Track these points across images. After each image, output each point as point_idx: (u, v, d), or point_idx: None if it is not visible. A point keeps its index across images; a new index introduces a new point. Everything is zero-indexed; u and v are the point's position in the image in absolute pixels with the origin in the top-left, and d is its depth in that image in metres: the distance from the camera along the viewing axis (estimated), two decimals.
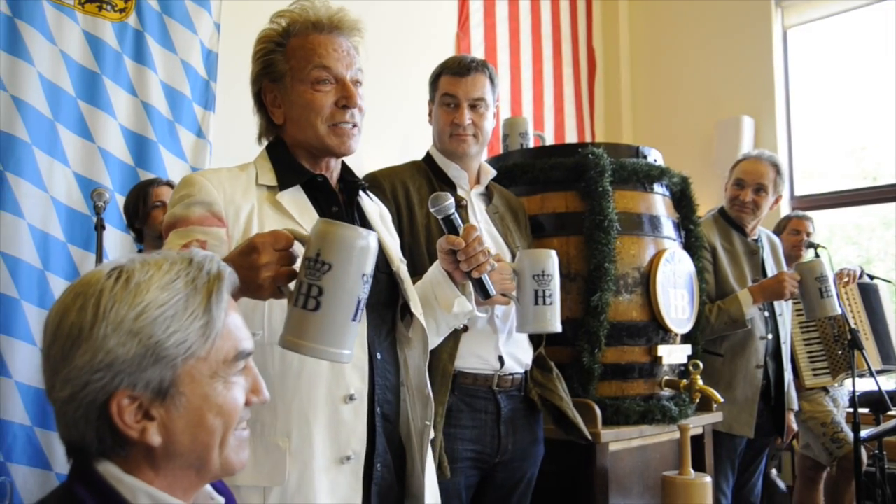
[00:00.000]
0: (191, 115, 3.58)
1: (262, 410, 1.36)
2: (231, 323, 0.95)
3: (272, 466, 1.36)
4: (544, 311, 1.80)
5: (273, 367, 1.39)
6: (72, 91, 3.22)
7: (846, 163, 5.38)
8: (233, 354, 0.94)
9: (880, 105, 4.93)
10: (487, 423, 2.08)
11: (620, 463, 2.42)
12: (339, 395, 1.41)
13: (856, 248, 5.47)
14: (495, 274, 1.74)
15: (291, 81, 1.50)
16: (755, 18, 5.38)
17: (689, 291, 2.66)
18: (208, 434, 0.91)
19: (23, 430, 2.94)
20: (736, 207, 3.15)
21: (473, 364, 2.06)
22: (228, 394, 0.93)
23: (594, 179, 2.48)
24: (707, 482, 2.35)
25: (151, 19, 3.48)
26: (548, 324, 1.82)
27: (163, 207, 2.98)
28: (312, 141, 1.52)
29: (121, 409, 0.88)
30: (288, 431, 1.38)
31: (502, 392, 2.11)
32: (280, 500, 1.36)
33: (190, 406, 0.90)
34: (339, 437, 1.41)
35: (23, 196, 3.04)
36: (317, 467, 1.38)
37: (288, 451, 1.37)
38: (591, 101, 5.92)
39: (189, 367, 0.90)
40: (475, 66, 2.17)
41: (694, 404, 2.64)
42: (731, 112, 5.31)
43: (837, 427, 3.59)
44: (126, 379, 0.87)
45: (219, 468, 0.94)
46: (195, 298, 0.90)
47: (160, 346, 0.87)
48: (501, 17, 5.29)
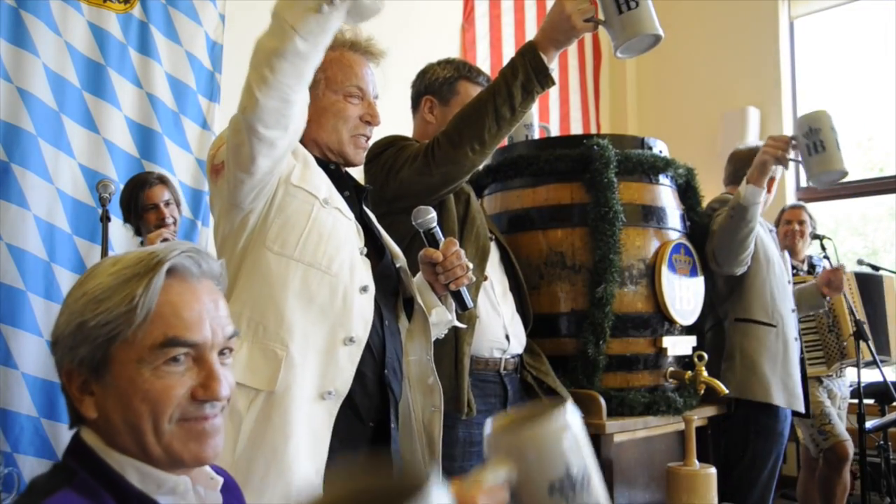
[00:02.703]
0: (196, 107, 3.59)
1: (268, 316, 1.44)
2: (168, 310, 0.93)
3: (265, 372, 1.42)
4: (634, 14, 1.73)
5: (293, 282, 1.46)
6: (77, 83, 3.23)
7: (853, 153, 5.36)
8: (160, 340, 0.92)
9: (887, 96, 4.90)
10: (497, 405, 2.16)
11: (625, 454, 2.43)
12: (340, 336, 1.49)
13: (862, 239, 5.45)
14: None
15: (324, 89, 1.61)
16: (761, 8, 5.35)
17: (694, 283, 2.66)
18: (136, 417, 0.92)
19: (30, 422, 2.96)
20: None
21: (485, 344, 2.12)
22: (157, 381, 0.92)
23: (599, 171, 2.48)
24: (712, 473, 2.35)
25: (156, 11, 3.48)
26: (645, 26, 1.73)
27: (155, 210, 2.98)
28: (332, 145, 1.63)
29: (70, 379, 0.94)
30: (288, 343, 1.44)
31: (507, 375, 2.19)
32: (263, 405, 1.41)
33: (118, 386, 0.92)
34: (327, 372, 1.47)
35: (28, 188, 3.05)
36: (302, 387, 1.44)
37: (284, 362, 1.43)
38: (597, 92, 5.91)
39: (116, 350, 0.92)
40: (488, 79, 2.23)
41: (699, 396, 2.64)
42: (736, 103, 5.29)
43: (825, 419, 3.59)
44: (67, 354, 0.93)
45: (162, 455, 0.93)
46: (130, 283, 0.92)
47: (85, 325, 0.91)
48: (506, 8, 5.28)
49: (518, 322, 2.25)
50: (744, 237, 2.72)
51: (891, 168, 5.06)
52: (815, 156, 2.54)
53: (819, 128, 2.55)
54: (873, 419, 3.58)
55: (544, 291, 2.50)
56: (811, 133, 2.55)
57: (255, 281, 1.46)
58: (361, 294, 1.52)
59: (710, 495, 2.34)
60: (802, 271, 3.87)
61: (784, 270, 2.98)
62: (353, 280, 1.51)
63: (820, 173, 2.57)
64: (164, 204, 3.00)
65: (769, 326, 2.85)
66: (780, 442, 2.88)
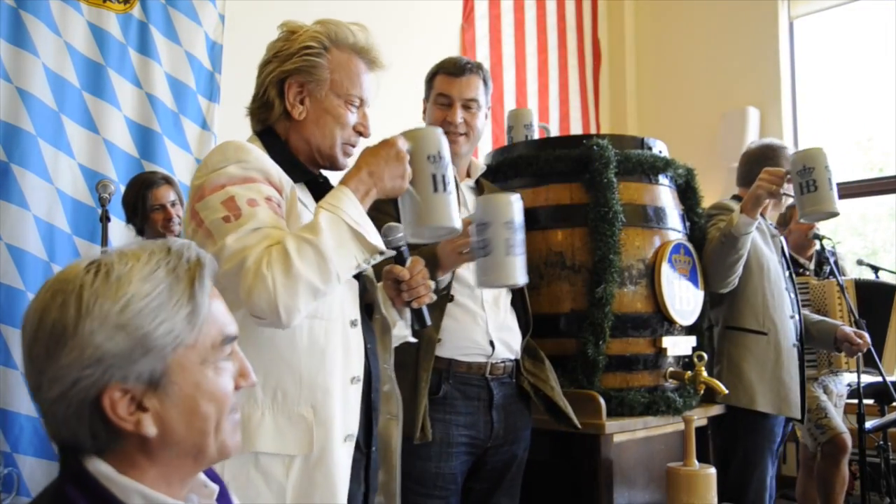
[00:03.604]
0: (195, 107, 3.59)
1: (285, 381, 1.44)
2: (215, 309, 0.95)
3: (297, 436, 1.43)
4: (513, 262, 1.72)
5: (301, 340, 1.46)
6: (77, 83, 3.23)
7: (852, 153, 5.36)
8: (220, 339, 0.94)
9: (887, 96, 4.91)
10: (480, 409, 2.13)
11: (625, 454, 2.42)
12: (348, 376, 1.51)
13: (861, 240, 5.45)
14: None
15: (328, 91, 1.58)
16: (761, 8, 5.35)
17: (693, 283, 2.66)
18: (203, 421, 0.91)
19: (29, 422, 2.96)
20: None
21: (467, 349, 2.11)
22: (219, 380, 0.93)
23: (599, 171, 2.48)
24: (711, 473, 2.35)
25: (156, 11, 3.48)
26: (515, 276, 1.73)
27: (162, 211, 2.97)
28: (324, 148, 1.59)
29: (113, 403, 0.87)
30: (313, 403, 1.45)
31: (495, 379, 2.16)
32: (302, 469, 1.43)
33: (183, 395, 0.90)
34: (346, 416, 1.50)
35: (28, 188, 3.05)
36: (334, 440, 1.46)
37: (314, 422, 1.44)
38: (596, 92, 5.91)
39: (178, 356, 0.89)
40: (470, 67, 2.23)
41: (698, 396, 2.64)
42: (736, 103, 5.29)
43: (822, 413, 3.58)
44: (117, 373, 0.86)
45: (215, 453, 0.94)
46: (178, 287, 0.90)
47: (148, 337, 0.86)
48: (506, 8, 5.28)
49: (511, 328, 2.22)
50: (732, 263, 2.73)
51: (890, 168, 5.06)
52: (808, 195, 2.54)
53: (813, 167, 2.54)
54: (873, 419, 3.57)
55: (544, 291, 2.50)
56: (805, 172, 2.54)
57: (261, 347, 1.43)
58: (353, 328, 1.53)
59: (710, 495, 2.34)
60: (809, 270, 3.85)
61: (781, 276, 2.95)
62: (345, 315, 1.52)
63: (810, 213, 2.58)
64: (170, 204, 2.99)
65: (759, 334, 2.85)
66: (772, 440, 2.88)
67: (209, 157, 1.47)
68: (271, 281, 1.29)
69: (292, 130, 1.60)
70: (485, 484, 2.19)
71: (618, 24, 5.97)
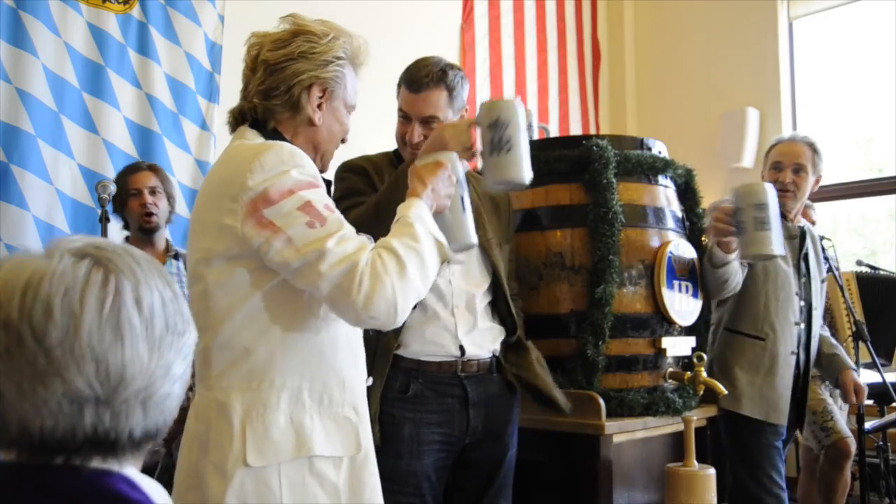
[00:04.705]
0: (195, 108, 3.59)
1: (330, 384, 1.48)
2: None
3: (345, 437, 1.49)
4: (504, 159, 1.82)
5: (341, 343, 1.52)
6: (76, 83, 3.23)
7: (852, 154, 5.36)
8: None
9: (887, 96, 4.91)
10: (455, 406, 2.10)
11: (624, 455, 2.43)
12: (366, 377, 1.62)
13: (861, 240, 5.46)
14: None
15: (341, 101, 1.64)
16: (760, 9, 5.36)
17: (693, 284, 2.66)
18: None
19: None
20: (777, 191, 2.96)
21: (434, 352, 2.08)
22: None
23: (598, 171, 2.48)
24: (711, 474, 2.35)
25: (155, 11, 3.48)
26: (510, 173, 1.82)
27: (138, 196, 2.87)
28: (327, 154, 1.67)
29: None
30: (354, 404, 1.52)
31: (469, 377, 2.12)
32: (350, 469, 1.49)
33: None
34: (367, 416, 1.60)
35: (28, 188, 3.05)
36: (371, 441, 1.56)
37: (359, 423, 1.52)
38: (596, 92, 5.91)
39: None
40: (428, 81, 2.10)
41: (698, 396, 2.64)
42: (736, 104, 5.29)
43: (828, 416, 3.58)
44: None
45: None
46: None
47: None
48: (506, 8, 5.28)
49: (487, 330, 2.17)
50: (721, 283, 2.70)
51: (890, 169, 5.06)
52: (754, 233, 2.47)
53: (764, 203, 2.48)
54: (872, 420, 3.57)
55: (543, 292, 2.50)
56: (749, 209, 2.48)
57: (309, 353, 1.47)
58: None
59: (710, 496, 2.34)
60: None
61: (791, 281, 2.89)
62: None
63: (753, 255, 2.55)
64: (148, 190, 2.87)
65: (756, 339, 2.83)
66: (768, 437, 2.87)
67: (262, 159, 1.41)
68: (390, 285, 1.38)
69: (301, 132, 1.59)
70: (475, 482, 2.17)
71: (617, 25, 5.97)
